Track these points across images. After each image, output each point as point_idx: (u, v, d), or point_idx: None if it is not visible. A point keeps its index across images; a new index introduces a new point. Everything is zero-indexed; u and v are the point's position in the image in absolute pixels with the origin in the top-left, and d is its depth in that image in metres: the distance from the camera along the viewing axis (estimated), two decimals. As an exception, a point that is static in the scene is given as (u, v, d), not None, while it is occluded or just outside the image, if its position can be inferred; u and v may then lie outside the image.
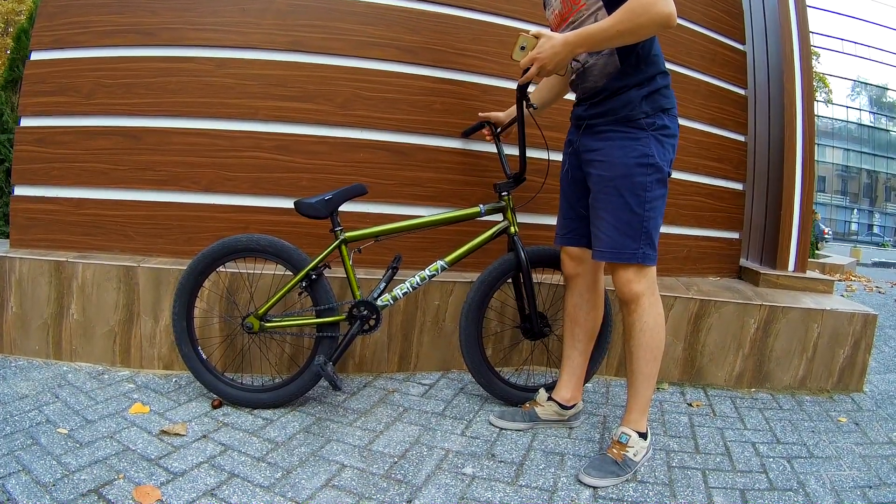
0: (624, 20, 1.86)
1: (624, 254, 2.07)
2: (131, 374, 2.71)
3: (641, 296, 2.09)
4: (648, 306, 2.10)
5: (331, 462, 2.07)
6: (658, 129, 2.06)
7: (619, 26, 1.87)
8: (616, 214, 2.07)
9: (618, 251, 2.07)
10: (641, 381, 2.15)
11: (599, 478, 2.01)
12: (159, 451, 2.04)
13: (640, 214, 2.05)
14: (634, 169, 2.04)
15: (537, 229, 3.22)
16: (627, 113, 2.05)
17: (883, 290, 7.91)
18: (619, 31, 1.88)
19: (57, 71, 2.91)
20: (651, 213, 2.06)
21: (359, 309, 2.47)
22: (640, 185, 2.04)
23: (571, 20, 2.12)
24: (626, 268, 2.09)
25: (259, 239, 2.45)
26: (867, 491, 2.06)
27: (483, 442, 2.29)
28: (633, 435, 2.12)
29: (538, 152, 2.74)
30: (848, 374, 3.11)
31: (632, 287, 2.09)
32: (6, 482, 1.76)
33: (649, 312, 2.10)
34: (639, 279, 2.08)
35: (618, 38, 1.91)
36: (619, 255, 2.07)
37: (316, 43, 2.94)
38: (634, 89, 2.05)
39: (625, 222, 2.06)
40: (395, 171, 3.05)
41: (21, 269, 2.74)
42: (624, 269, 2.09)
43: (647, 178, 2.04)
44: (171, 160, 2.91)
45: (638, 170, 2.04)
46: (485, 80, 3.14)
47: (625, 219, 2.06)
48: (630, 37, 1.91)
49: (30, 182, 2.94)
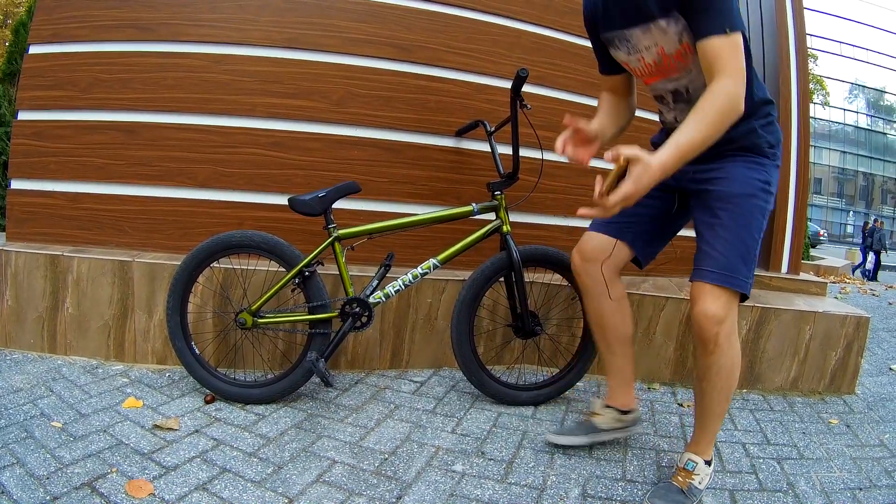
0: (715, 126, 1.67)
1: (736, 279, 1.82)
2: (125, 369, 2.72)
3: (725, 334, 1.83)
4: (728, 347, 1.85)
5: (322, 458, 2.07)
6: (777, 160, 1.95)
7: (709, 133, 1.67)
8: (738, 234, 1.85)
9: (730, 275, 1.82)
10: (712, 419, 1.97)
11: None
12: (152, 446, 2.05)
13: (756, 239, 1.87)
14: (759, 192, 1.87)
15: (530, 228, 3.24)
16: (752, 141, 1.89)
17: (877, 292, 7.93)
18: (708, 138, 1.67)
19: (55, 65, 2.91)
20: (759, 242, 1.89)
21: (351, 306, 2.48)
22: (760, 209, 1.87)
23: (675, 77, 1.92)
24: (719, 297, 1.81)
25: (253, 235, 2.46)
26: (857, 493, 2.07)
27: (473, 439, 2.31)
28: (700, 462, 1.96)
29: (532, 151, 2.75)
30: (840, 376, 3.12)
31: (718, 321, 1.81)
32: (0, 475, 1.77)
33: (727, 354, 1.85)
34: (727, 313, 1.82)
35: (707, 145, 1.69)
36: (730, 279, 1.82)
37: (312, 40, 2.95)
38: (753, 119, 1.88)
39: (744, 244, 1.85)
40: (388, 168, 3.06)
41: (17, 262, 2.74)
42: (715, 299, 1.81)
43: (766, 204, 1.89)
44: (166, 155, 2.92)
45: (761, 195, 1.88)
46: (479, 78, 3.14)
47: (745, 241, 1.85)
48: (717, 138, 1.71)
49: (27, 176, 2.94)
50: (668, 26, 1.79)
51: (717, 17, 1.66)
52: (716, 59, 1.67)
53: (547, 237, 3.30)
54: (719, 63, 1.67)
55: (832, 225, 49.02)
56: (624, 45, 1.95)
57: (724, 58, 1.66)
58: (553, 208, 3.33)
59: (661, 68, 1.91)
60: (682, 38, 1.79)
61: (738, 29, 1.67)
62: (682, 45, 1.81)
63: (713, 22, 1.66)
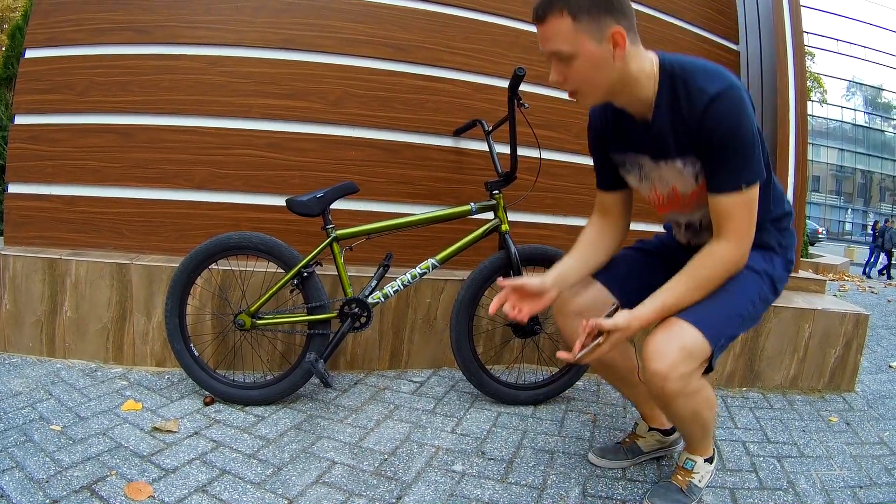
0: (707, 290, 1.64)
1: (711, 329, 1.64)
2: (124, 371, 2.71)
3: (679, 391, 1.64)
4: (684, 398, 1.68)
5: (321, 459, 2.07)
6: (788, 254, 1.86)
7: (700, 296, 1.64)
8: (727, 296, 1.69)
9: (709, 325, 1.63)
10: (696, 436, 1.88)
11: None
12: (151, 448, 2.04)
13: (742, 314, 1.72)
14: (760, 270, 1.76)
15: (528, 227, 3.24)
16: (762, 240, 1.77)
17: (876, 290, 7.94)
18: (697, 300, 1.64)
19: (51, 68, 2.91)
20: (745, 314, 1.73)
21: (350, 306, 2.48)
22: (756, 286, 1.74)
23: (688, 212, 1.83)
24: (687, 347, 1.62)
25: (251, 236, 2.46)
26: (857, 491, 2.06)
27: (473, 439, 2.30)
28: (699, 461, 1.90)
29: (530, 151, 2.75)
30: (839, 373, 3.12)
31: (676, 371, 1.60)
32: (0, 479, 1.76)
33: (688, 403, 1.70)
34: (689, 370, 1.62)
35: (694, 303, 1.65)
36: (706, 326, 1.63)
37: (308, 41, 2.95)
38: (768, 231, 1.80)
39: (731, 304, 1.69)
40: (386, 168, 3.06)
41: (15, 266, 2.74)
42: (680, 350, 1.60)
43: (763, 285, 1.76)
44: (163, 158, 2.91)
45: (763, 274, 1.76)
46: (477, 78, 3.14)
47: (734, 303, 1.69)
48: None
49: (24, 180, 2.93)
50: (683, 168, 1.69)
51: (736, 172, 1.57)
52: (725, 219, 1.61)
53: (546, 236, 3.29)
54: (728, 224, 1.61)
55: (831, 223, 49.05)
56: (636, 169, 1.83)
57: (734, 218, 1.60)
58: (552, 207, 3.33)
59: (674, 203, 1.81)
60: (699, 179, 1.69)
61: (756, 181, 1.60)
62: (698, 185, 1.70)
63: (730, 177, 1.58)
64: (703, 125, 1.54)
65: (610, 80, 1.58)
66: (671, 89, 1.60)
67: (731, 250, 1.62)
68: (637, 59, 1.59)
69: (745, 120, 1.54)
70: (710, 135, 1.54)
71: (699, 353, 1.62)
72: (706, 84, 1.54)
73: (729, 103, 1.52)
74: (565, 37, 1.51)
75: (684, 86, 1.57)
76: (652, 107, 1.64)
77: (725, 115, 1.52)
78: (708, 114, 1.53)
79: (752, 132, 1.55)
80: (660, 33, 3.55)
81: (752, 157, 1.57)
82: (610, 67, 1.55)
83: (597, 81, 1.59)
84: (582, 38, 1.50)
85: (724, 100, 1.52)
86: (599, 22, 1.49)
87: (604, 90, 1.62)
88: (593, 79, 1.58)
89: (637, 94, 1.63)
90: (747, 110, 1.54)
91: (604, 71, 1.56)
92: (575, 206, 3.37)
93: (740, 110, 1.53)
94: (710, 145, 1.56)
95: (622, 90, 1.63)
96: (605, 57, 1.53)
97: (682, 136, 1.62)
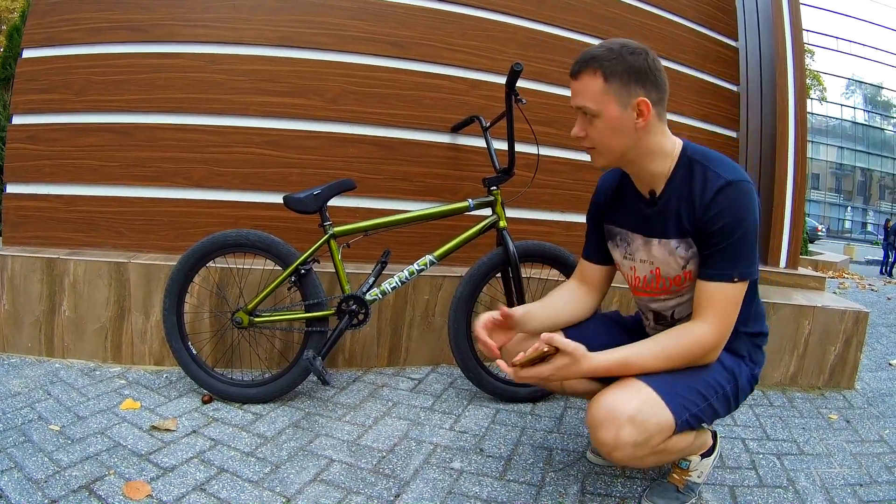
0: (674, 364, 1.59)
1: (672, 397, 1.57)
2: (122, 370, 2.71)
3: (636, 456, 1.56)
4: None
5: (319, 457, 2.07)
6: (753, 374, 1.79)
7: (665, 367, 1.58)
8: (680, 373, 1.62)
9: (670, 392, 1.57)
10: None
11: None
12: (150, 447, 2.04)
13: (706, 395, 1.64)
14: (726, 366, 1.70)
15: (526, 224, 3.24)
16: (734, 347, 1.73)
17: (876, 287, 7.94)
18: (659, 370, 1.58)
19: (48, 68, 2.90)
20: (709, 395, 1.65)
21: (348, 303, 2.48)
22: (717, 376, 1.67)
23: (663, 298, 1.81)
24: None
25: (248, 234, 2.45)
26: (858, 489, 2.05)
27: (471, 437, 2.30)
28: (694, 459, 1.87)
29: (528, 147, 2.74)
30: (839, 371, 3.11)
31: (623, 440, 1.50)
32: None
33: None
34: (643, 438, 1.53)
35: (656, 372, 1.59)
36: (667, 392, 1.57)
37: (306, 38, 2.94)
38: (744, 335, 1.76)
39: (687, 377, 1.62)
40: (384, 165, 3.06)
41: (13, 266, 2.73)
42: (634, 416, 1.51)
43: (722, 380, 1.69)
44: (161, 156, 2.91)
45: (726, 369, 1.70)
46: (474, 74, 3.14)
47: (687, 375, 1.62)
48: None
49: (21, 180, 2.93)
50: (675, 249, 1.68)
51: (732, 262, 1.56)
52: (709, 303, 1.58)
53: (545, 232, 3.28)
54: (711, 309, 1.58)
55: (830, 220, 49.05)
56: (623, 246, 1.85)
57: (718, 307, 1.58)
58: (550, 203, 3.33)
59: (651, 286, 1.80)
60: (688, 265, 1.68)
61: (748, 279, 1.59)
62: (684, 272, 1.70)
63: (725, 265, 1.57)
64: (711, 208, 1.56)
65: (626, 146, 1.62)
66: (688, 170, 1.63)
67: (707, 333, 1.58)
68: (659, 135, 1.64)
69: (751, 215, 1.56)
70: (716, 219, 1.56)
71: (656, 421, 1.53)
72: (723, 171, 1.58)
73: (740, 193, 1.55)
74: (593, 96, 1.57)
75: (702, 169, 1.61)
76: (664, 182, 1.67)
77: (735, 203, 1.55)
78: (719, 198, 1.56)
79: (754, 229, 1.57)
80: (659, 30, 3.55)
81: (749, 252, 1.58)
82: (629, 134, 1.60)
83: (613, 145, 1.62)
84: (609, 100, 1.56)
85: (736, 189, 1.55)
86: (629, 89, 1.54)
87: (618, 154, 1.65)
88: (610, 141, 1.62)
89: (650, 168, 1.67)
90: (754, 207, 1.57)
91: (622, 136, 1.60)
92: (573, 202, 3.37)
93: (749, 203, 1.56)
94: (712, 231, 1.57)
95: (636, 160, 1.66)
96: (626, 123, 1.58)
97: (685, 218, 1.63)
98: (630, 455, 1.52)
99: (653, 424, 1.52)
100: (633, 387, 1.56)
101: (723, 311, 1.58)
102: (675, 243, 1.68)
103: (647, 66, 1.55)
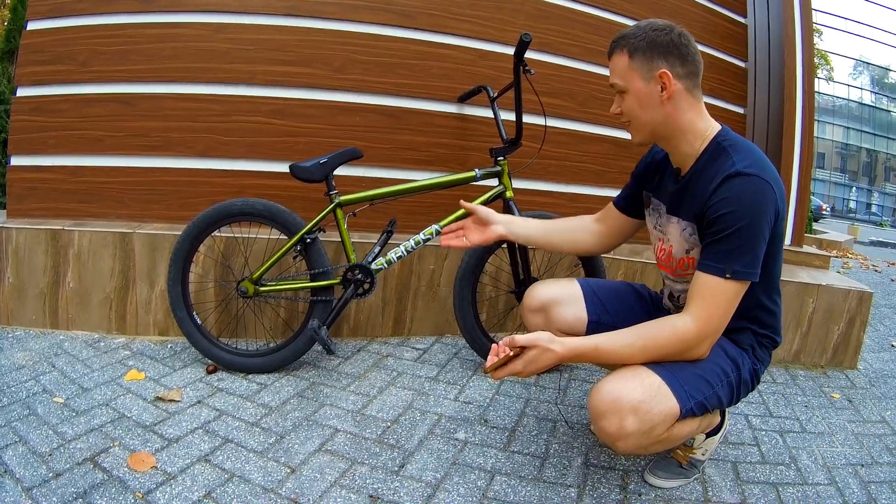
0: (650, 357, 1.55)
1: (678, 385, 1.55)
2: (127, 341, 2.71)
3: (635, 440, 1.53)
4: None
5: (324, 427, 2.07)
6: (756, 370, 1.74)
7: (639, 359, 1.55)
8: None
9: (675, 379, 1.55)
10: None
11: (666, 479, 1.86)
12: (154, 418, 2.04)
13: (710, 371, 1.63)
14: (729, 356, 1.68)
15: (533, 195, 3.23)
16: (739, 339, 1.73)
17: (880, 268, 7.91)
18: (632, 360, 1.56)
19: (53, 40, 2.87)
20: (714, 382, 1.63)
21: (353, 273, 2.47)
22: (722, 365, 1.66)
23: (674, 279, 1.82)
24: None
25: (254, 203, 2.44)
26: (859, 469, 2.06)
27: (476, 407, 2.30)
28: (699, 437, 1.86)
29: (535, 118, 2.72)
30: (842, 350, 3.11)
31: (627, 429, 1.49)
32: (3, 454, 1.76)
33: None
34: (648, 427, 1.51)
35: (627, 363, 1.58)
36: (671, 378, 1.55)
37: (312, 7, 2.91)
38: (752, 334, 1.74)
39: (691, 364, 1.60)
40: (390, 134, 3.03)
41: (18, 238, 2.72)
42: (638, 405, 1.49)
43: (731, 371, 1.67)
44: (166, 126, 2.89)
45: (730, 360, 1.68)
46: (482, 45, 3.11)
47: (690, 363, 1.60)
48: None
49: (26, 152, 2.91)
50: (684, 230, 1.68)
51: (728, 255, 1.50)
52: (698, 296, 1.53)
53: (550, 203, 3.29)
54: (698, 302, 1.53)
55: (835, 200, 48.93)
56: (654, 216, 1.86)
57: (706, 301, 1.52)
58: (556, 175, 3.31)
59: (667, 263, 1.81)
60: (692, 251, 1.68)
61: (743, 279, 1.51)
62: (687, 256, 1.71)
63: (720, 258, 1.51)
64: (715, 195, 1.53)
65: (654, 120, 1.64)
66: (714, 154, 1.61)
67: (689, 328, 1.52)
68: (690, 113, 1.63)
69: (756, 212, 1.49)
70: (717, 207, 1.51)
71: (660, 410, 1.51)
72: (740, 161, 1.53)
73: (748, 186, 1.49)
74: (620, 72, 1.63)
75: (725, 155, 1.58)
76: (692, 162, 1.66)
77: (739, 195, 1.49)
78: (724, 186, 1.51)
79: (757, 226, 1.49)
80: (667, 4, 3.51)
81: (747, 250, 1.50)
82: (655, 107, 1.61)
83: (642, 119, 1.65)
84: (634, 74, 1.60)
85: (745, 181, 1.50)
86: (651, 62, 1.57)
87: (649, 129, 1.67)
88: (639, 115, 1.65)
89: (680, 147, 1.67)
90: (763, 205, 1.49)
91: (650, 110, 1.62)
92: (578, 174, 3.35)
93: (756, 199, 1.49)
94: (712, 218, 1.53)
95: (668, 135, 1.67)
96: (652, 96, 1.60)
97: (697, 200, 1.60)
98: (635, 445, 1.51)
99: (657, 414, 1.49)
100: (638, 373, 1.53)
101: (710, 306, 1.52)
102: (685, 224, 1.68)
103: (670, 40, 1.56)
